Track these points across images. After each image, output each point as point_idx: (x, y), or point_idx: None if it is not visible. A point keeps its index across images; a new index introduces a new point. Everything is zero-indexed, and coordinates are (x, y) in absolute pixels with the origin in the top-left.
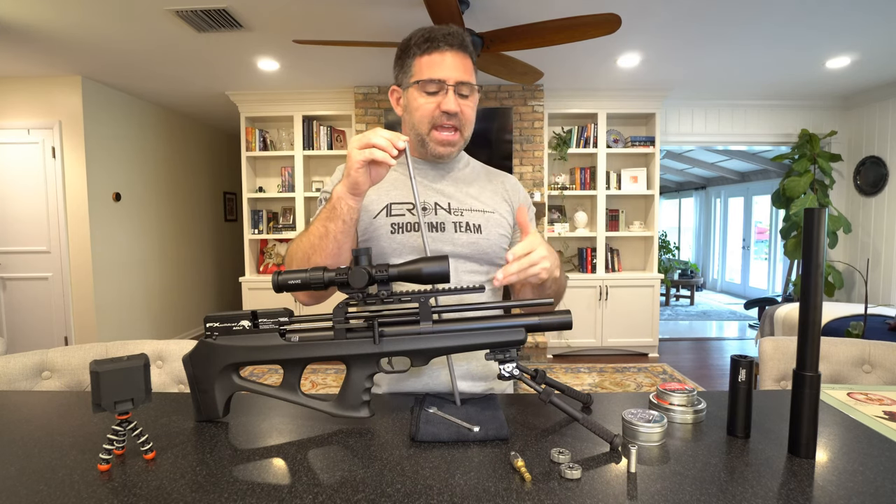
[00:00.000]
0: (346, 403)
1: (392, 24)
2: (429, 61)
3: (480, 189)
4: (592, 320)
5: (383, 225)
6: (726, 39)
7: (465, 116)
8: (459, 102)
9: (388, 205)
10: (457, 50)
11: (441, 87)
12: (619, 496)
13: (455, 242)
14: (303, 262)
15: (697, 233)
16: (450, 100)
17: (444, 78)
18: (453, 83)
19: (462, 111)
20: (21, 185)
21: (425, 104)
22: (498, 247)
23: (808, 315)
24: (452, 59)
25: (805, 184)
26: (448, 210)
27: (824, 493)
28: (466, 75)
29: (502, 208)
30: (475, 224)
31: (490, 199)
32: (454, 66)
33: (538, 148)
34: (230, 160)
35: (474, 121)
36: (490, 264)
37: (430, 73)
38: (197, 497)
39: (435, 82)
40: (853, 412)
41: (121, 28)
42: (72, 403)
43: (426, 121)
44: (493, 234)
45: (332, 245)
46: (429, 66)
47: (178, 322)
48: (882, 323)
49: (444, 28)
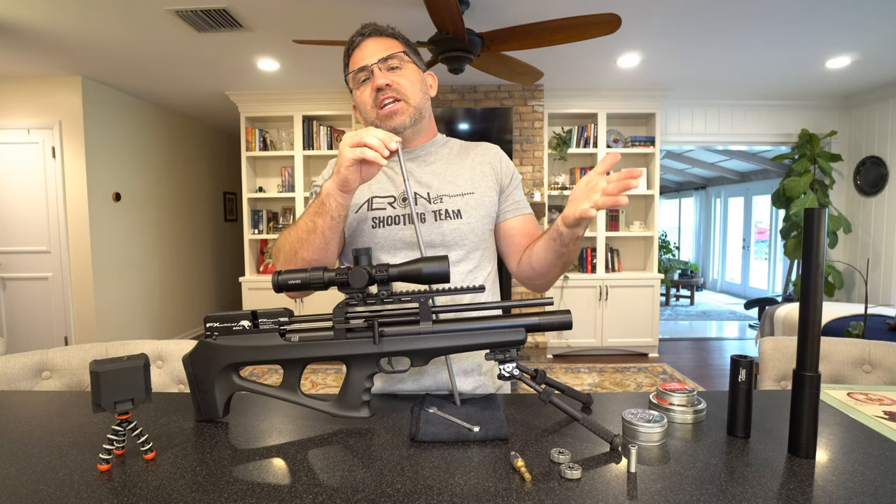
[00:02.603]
0: (346, 403)
1: (392, 24)
2: (354, 59)
3: (459, 169)
4: (592, 320)
5: (365, 219)
6: (726, 39)
7: (400, 85)
8: (388, 75)
9: (370, 199)
10: (371, 36)
11: (368, 72)
12: (619, 496)
13: (437, 231)
14: (289, 256)
15: (697, 233)
16: (376, 76)
17: (364, 63)
18: (373, 64)
19: (395, 81)
20: (21, 185)
21: (362, 93)
22: (480, 228)
23: (808, 315)
24: (369, 45)
25: (805, 184)
26: (428, 199)
27: (824, 493)
28: (384, 51)
29: (483, 184)
30: (454, 210)
31: (469, 177)
32: (372, 50)
33: (538, 148)
34: (230, 160)
35: (421, 87)
36: (475, 249)
37: (355, 65)
38: (197, 497)
39: (360, 69)
40: (853, 412)
41: (121, 28)
42: (72, 403)
43: (368, 106)
44: (474, 216)
45: (320, 240)
46: (354, 63)
47: (178, 322)
48: (882, 323)
49: (361, 27)
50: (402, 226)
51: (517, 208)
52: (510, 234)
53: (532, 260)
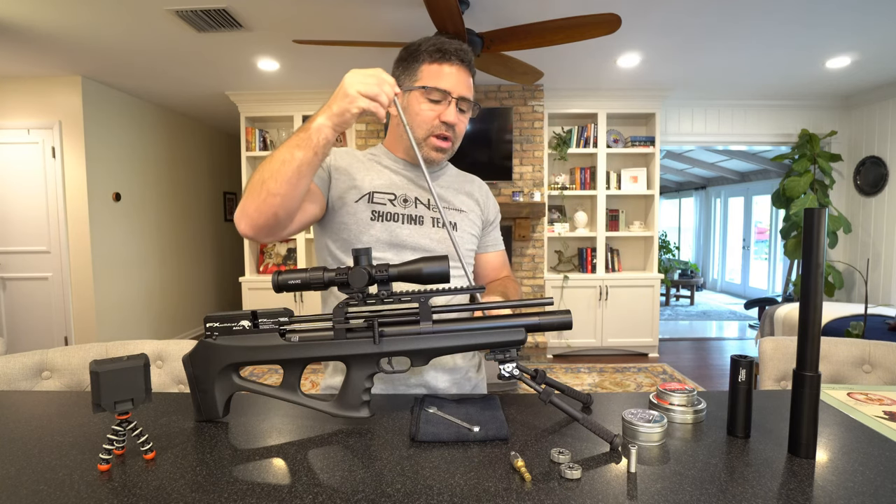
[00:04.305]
0: (346, 403)
1: (392, 24)
2: (438, 70)
3: (455, 192)
4: (592, 320)
5: (363, 210)
6: (726, 39)
7: (459, 130)
8: (458, 116)
9: (371, 192)
10: (464, 66)
11: (445, 98)
12: (619, 496)
13: (432, 237)
14: (255, 186)
15: (697, 233)
16: (451, 111)
17: (450, 89)
18: (457, 96)
19: (459, 125)
20: (21, 185)
21: (427, 111)
22: (469, 244)
23: (808, 315)
24: (458, 73)
25: (805, 184)
26: (427, 206)
27: (824, 493)
28: (468, 92)
29: (474, 212)
30: (451, 221)
31: (464, 201)
32: (459, 80)
33: (538, 148)
34: (230, 160)
35: (463, 136)
36: (460, 259)
37: (437, 83)
38: (197, 497)
39: (440, 91)
40: (853, 412)
41: (121, 28)
42: (72, 403)
43: (425, 126)
44: (465, 232)
45: (293, 173)
46: (437, 75)
47: (178, 322)
48: (882, 323)
49: (456, 42)
50: (401, 224)
51: (496, 244)
52: (487, 267)
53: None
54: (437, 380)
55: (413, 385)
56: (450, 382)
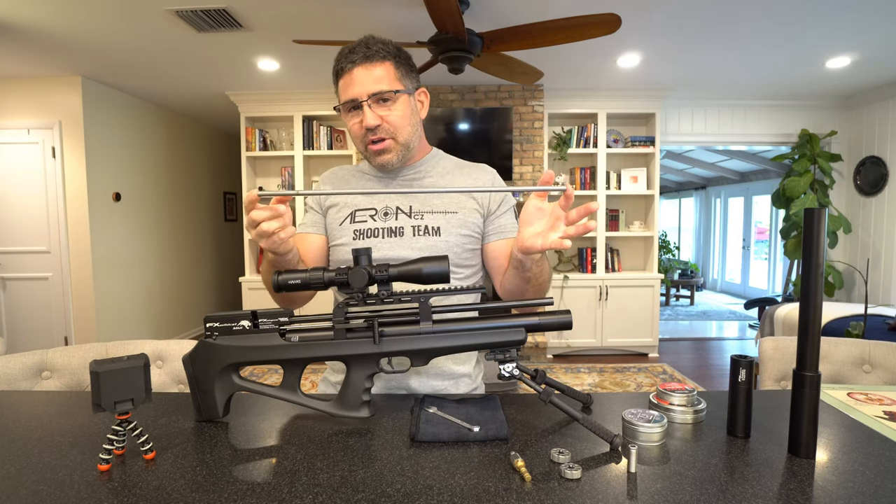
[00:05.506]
0: (346, 403)
1: (392, 24)
2: (344, 84)
3: (449, 187)
4: (592, 320)
5: (347, 231)
6: (726, 39)
7: (390, 123)
8: (379, 112)
9: (353, 212)
10: (362, 63)
11: (357, 105)
12: (619, 496)
13: (412, 247)
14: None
15: (697, 233)
16: (367, 115)
17: (355, 96)
18: (365, 97)
19: (385, 120)
20: (21, 185)
21: (353, 125)
22: (458, 247)
23: (808, 315)
24: (360, 73)
25: (805, 184)
26: (409, 214)
27: (824, 493)
28: (379, 83)
29: (468, 205)
30: (434, 227)
31: (453, 199)
32: (362, 80)
33: (538, 148)
34: (230, 160)
35: (411, 120)
36: (453, 266)
37: (345, 95)
38: (197, 497)
39: (350, 102)
40: (853, 412)
41: (121, 28)
42: (72, 403)
43: (359, 139)
44: (453, 234)
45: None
46: (344, 89)
47: (178, 322)
48: (882, 323)
49: (351, 44)
50: (381, 238)
51: (501, 232)
52: (492, 257)
53: (507, 285)
54: (427, 384)
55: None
56: (440, 385)
